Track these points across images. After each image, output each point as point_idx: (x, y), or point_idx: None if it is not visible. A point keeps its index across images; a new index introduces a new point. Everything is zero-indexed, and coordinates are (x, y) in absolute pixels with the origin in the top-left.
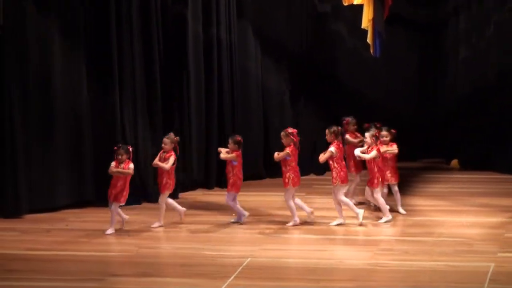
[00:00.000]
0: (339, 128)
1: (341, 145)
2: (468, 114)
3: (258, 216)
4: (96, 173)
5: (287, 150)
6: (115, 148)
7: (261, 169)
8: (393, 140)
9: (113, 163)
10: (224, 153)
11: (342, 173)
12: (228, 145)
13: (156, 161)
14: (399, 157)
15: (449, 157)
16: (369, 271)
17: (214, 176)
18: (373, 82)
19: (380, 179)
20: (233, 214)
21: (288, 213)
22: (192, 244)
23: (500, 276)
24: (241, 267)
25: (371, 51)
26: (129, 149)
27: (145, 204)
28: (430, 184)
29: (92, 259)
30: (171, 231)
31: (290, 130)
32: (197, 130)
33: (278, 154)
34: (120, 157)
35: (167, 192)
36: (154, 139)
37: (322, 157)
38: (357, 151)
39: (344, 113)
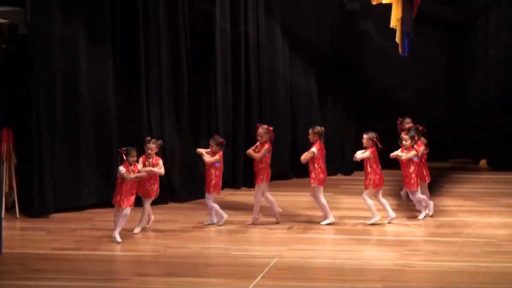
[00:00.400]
0: (323, 128)
1: (323, 146)
2: (497, 114)
3: (285, 216)
4: None
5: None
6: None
7: (289, 169)
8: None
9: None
10: (205, 155)
11: (322, 174)
12: (210, 147)
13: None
14: (429, 157)
15: (478, 157)
16: (397, 272)
17: (241, 175)
18: (401, 82)
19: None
20: (210, 216)
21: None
22: (219, 244)
23: None
24: (268, 267)
25: (400, 50)
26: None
27: (171, 204)
28: (459, 184)
29: (119, 259)
30: (198, 230)
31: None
32: (224, 129)
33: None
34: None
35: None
36: (180, 137)
37: (304, 157)
38: (396, 152)
39: (372, 112)
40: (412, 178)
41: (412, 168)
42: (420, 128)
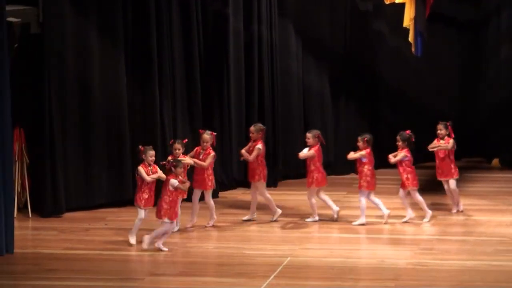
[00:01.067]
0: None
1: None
2: (509, 114)
3: (298, 216)
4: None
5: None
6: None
7: (301, 168)
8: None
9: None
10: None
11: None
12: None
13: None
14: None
15: (490, 157)
16: (410, 271)
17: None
18: (414, 81)
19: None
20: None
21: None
22: (232, 243)
23: None
24: (281, 267)
25: (413, 50)
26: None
27: (184, 203)
28: (471, 183)
29: (132, 259)
30: (212, 230)
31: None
32: (237, 129)
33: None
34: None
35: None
36: (193, 136)
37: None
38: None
39: (385, 112)
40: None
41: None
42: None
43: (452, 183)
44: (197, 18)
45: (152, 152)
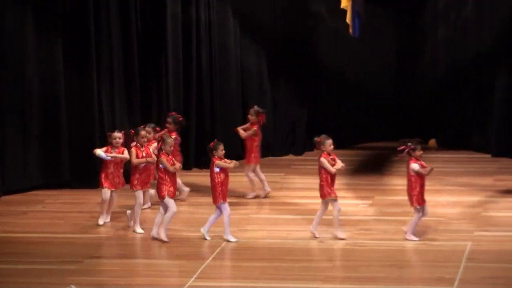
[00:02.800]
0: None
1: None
2: (446, 94)
3: (237, 198)
4: (73, 154)
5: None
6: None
7: (240, 149)
8: None
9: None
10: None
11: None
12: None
13: None
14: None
15: (427, 137)
16: (348, 251)
17: (193, 157)
18: (353, 62)
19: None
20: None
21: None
22: (171, 225)
23: (477, 255)
24: (219, 248)
25: (350, 31)
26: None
27: (125, 186)
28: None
29: (70, 241)
30: (151, 212)
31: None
32: (175, 111)
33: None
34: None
35: None
36: (131, 119)
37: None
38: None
39: (324, 93)
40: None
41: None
42: None
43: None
44: (135, 2)
45: (143, 133)
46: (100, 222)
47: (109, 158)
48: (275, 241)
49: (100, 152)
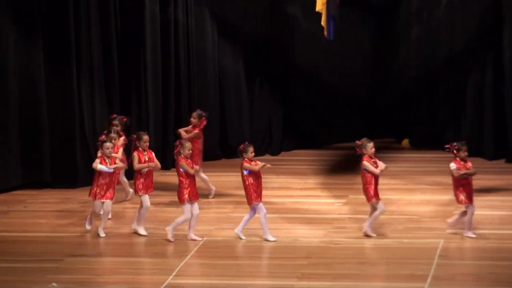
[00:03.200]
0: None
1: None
2: (420, 94)
3: (214, 196)
4: (54, 154)
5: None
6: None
7: (218, 149)
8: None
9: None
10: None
11: None
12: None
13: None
14: (353, 136)
15: (401, 137)
16: (323, 249)
17: (171, 156)
18: (328, 64)
19: None
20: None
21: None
22: (150, 224)
23: (448, 252)
24: (197, 246)
25: (325, 33)
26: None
27: None
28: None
29: (51, 240)
30: (131, 211)
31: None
32: (154, 111)
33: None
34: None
35: None
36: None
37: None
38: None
39: (300, 94)
40: None
41: None
42: None
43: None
44: (114, 2)
45: (146, 137)
46: (102, 234)
47: (112, 170)
48: (251, 239)
49: (101, 166)
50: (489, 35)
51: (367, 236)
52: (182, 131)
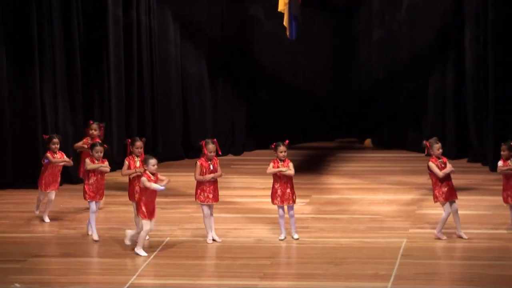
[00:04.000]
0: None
1: None
2: (382, 95)
3: (178, 197)
4: (16, 155)
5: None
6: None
7: (181, 150)
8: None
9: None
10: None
11: None
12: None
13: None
14: (316, 137)
15: (363, 137)
16: (286, 248)
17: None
18: (290, 64)
19: None
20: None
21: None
22: (112, 224)
23: (411, 251)
24: (160, 247)
25: (287, 34)
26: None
27: (65, 185)
28: (344, 163)
29: (14, 241)
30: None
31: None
32: (116, 113)
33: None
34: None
35: None
36: (74, 121)
37: None
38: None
39: (262, 94)
40: None
41: None
42: None
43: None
44: (76, 4)
45: (139, 143)
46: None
47: (163, 188)
48: (214, 241)
49: (155, 185)
50: (450, 37)
51: (438, 239)
52: (79, 145)
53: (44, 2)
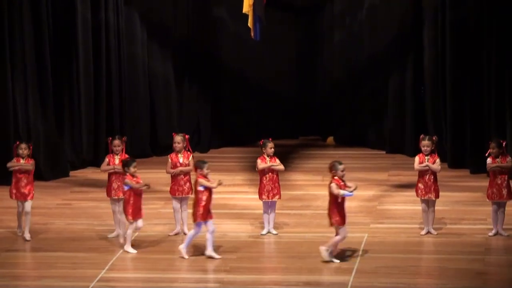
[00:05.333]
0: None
1: None
2: (344, 94)
3: (146, 193)
4: None
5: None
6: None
7: (148, 148)
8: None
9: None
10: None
11: None
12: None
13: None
14: (280, 135)
15: (326, 135)
16: (251, 243)
17: (104, 154)
18: (254, 64)
19: None
20: None
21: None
22: (83, 220)
23: (372, 246)
24: (129, 242)
25: (252, 35)
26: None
27: (36, 182)
28: (308, 160)
29: None
30: (63, 207)
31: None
32: (86, 111)
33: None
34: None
35: None
36: (45, 121)
37: None
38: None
39: (227, 93)
40: None
41: None
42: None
43: None
44: (46, 5)
45: (117, 142)
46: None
47: (352, 194)
48: (183, 235)
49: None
50: (409, 37)
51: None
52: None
53: (15, 3)
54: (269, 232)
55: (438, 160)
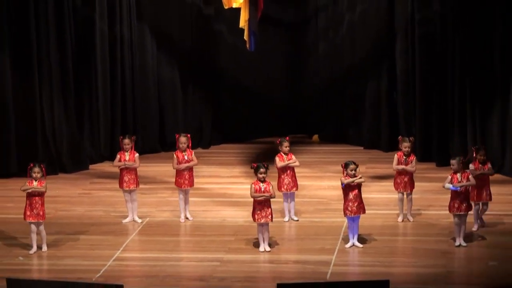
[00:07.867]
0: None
1: None
2: (327, 98)
3: (155, 184)
4: (19, 150)
5: None
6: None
7: (157, 145)
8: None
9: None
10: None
11: None
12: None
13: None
14: (272, 133)
15: (311, 133)
16: (247, 227)
17: (119, 150)
18: (250, 72)
19: None
20: None
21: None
22: (100, 207)
23: None
24: (141, 226)
25: (247, 46)
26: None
27: (61, 174)
28: (296, 155)
29: (14, 221)
30: (83, 196)
31: None
32: (104, 113)
33: None
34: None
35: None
36: (68, 121)
37: None
38: None
39: (226, 98)
40: None
41: None
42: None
43: None
44: (69, 20)
45: (127, 141)
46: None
47: (458, 188)
48: (187, 220)
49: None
50: (383, 49)
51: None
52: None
53: (41, 17)
54: (290, 218)
55: (414, 160)
